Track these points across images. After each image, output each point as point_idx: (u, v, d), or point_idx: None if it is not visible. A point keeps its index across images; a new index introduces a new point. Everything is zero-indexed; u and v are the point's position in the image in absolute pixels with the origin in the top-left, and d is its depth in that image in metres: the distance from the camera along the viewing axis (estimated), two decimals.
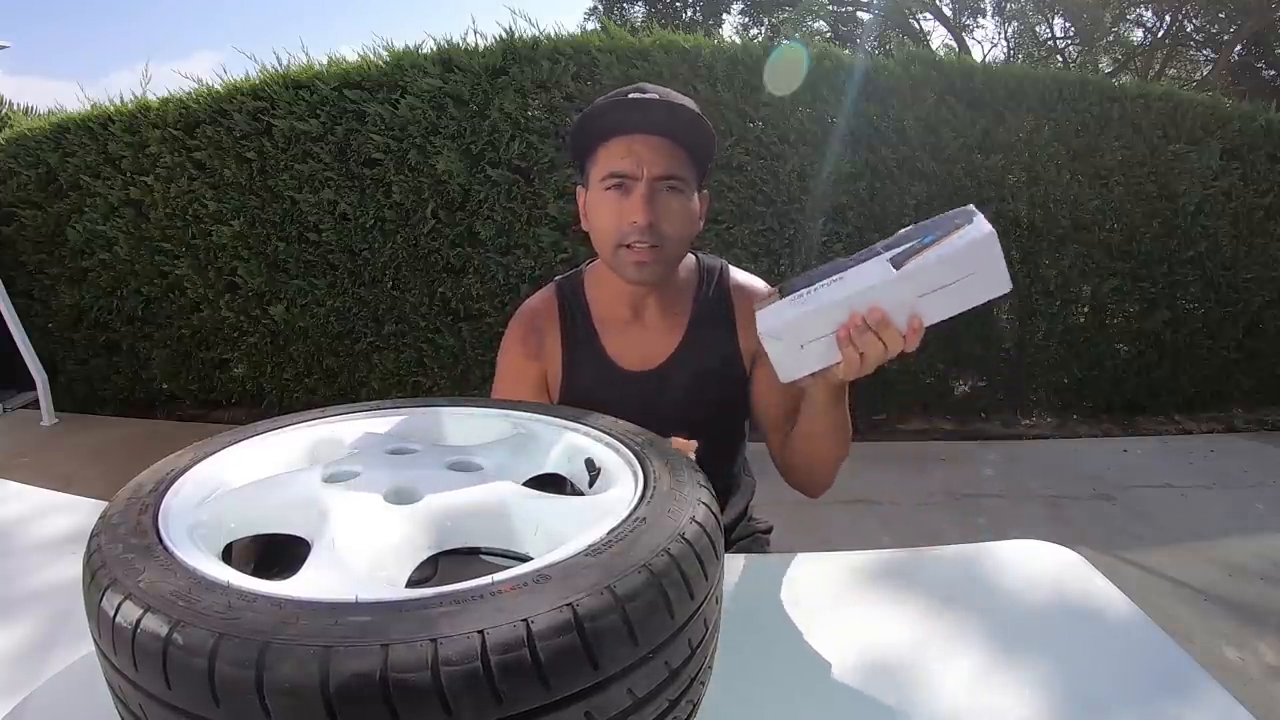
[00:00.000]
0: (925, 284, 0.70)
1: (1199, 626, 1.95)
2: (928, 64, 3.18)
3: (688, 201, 0.91)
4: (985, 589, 0.72)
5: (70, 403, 3.86)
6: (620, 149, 0.88)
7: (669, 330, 1.00)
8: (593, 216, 0.93)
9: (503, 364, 1.02)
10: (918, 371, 3.48)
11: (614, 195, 0.89)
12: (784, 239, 3.19)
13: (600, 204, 0.91)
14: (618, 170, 0.88)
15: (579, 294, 1.02)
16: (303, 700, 0.34)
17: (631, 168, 0.87)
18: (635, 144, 0.87)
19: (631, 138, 0.88)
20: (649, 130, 0.88)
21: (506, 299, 3.23)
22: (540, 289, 1.06)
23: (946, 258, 0.68)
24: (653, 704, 0.41)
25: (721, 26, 12.35)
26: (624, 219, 0.88)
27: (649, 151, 0.87)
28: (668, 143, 0.88)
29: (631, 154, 0.87)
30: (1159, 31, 10.27)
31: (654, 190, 0.88)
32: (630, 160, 0.87)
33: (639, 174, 0.87)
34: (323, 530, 0.47)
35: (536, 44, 3.05)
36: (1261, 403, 3.75)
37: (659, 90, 0.89)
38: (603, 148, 0.90)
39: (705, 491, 0.52)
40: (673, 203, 0.89)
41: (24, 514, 0.91)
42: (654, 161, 0.87)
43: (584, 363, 0.99)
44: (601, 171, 0.90)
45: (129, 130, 3.41)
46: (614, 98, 0.89)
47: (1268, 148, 3.45)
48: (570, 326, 1.00)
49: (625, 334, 1.00)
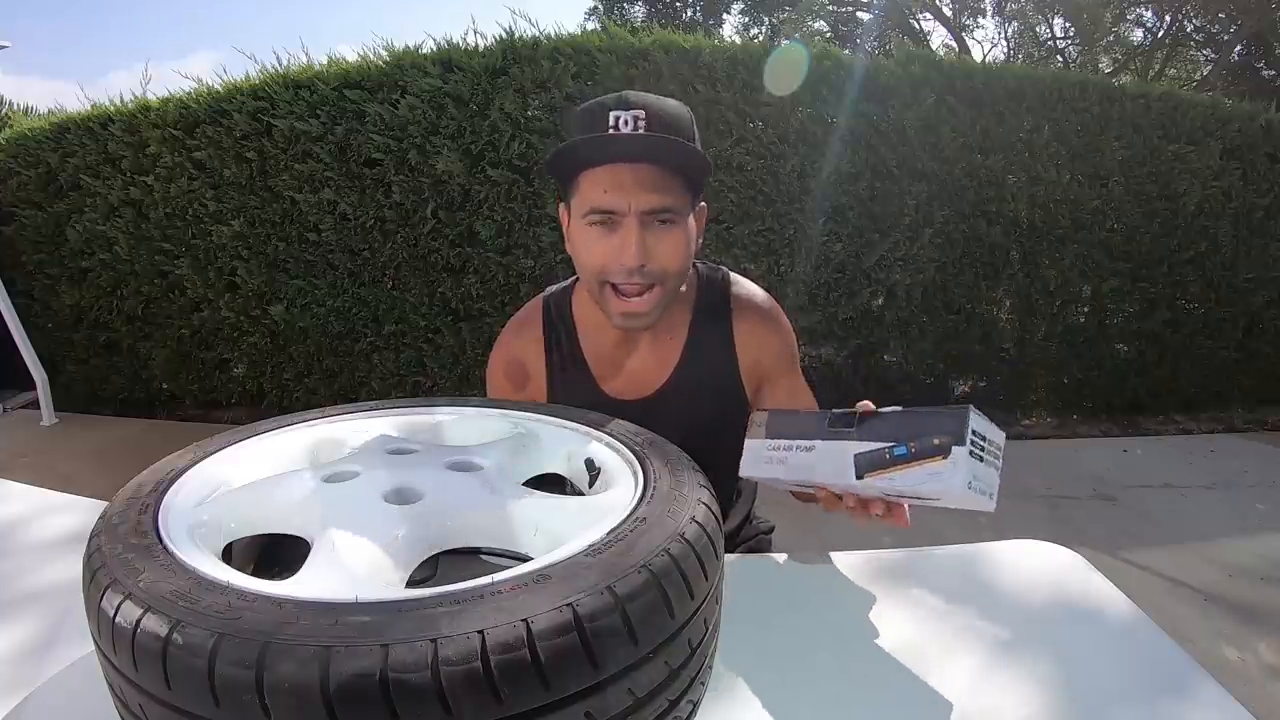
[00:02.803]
0: (889, 492, 0.63)
1: (1199, 626, 1.95)
2: (928, 64, 3.18)
3: (682, 231, 0.81)
4: (985, 589, 0.72)
5: (70, 403, 3.86)
6: (604, 180, 0.77)
7: (663, 355, 0.93)
8: (576, 248, 0.83)
9: (490, 388, 0.98)
10: (917, 372, 3.49)
11: (599, 231, 0.79)
12: (784, 239, 3.19)
13: (584, 238, 0.81)
14: (601, 206, 0.78)
15: (565, 315, 0.95)
16: (303, 700, 0.34)
17: (617, 203, 0.77)
18: (620, 174, 0.77)
19: (616, 166, 0.77)
20: (633, 159, 0.77)
21: (506, 299, 3.23)
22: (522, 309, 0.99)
23: (907, 491, 0.61)
24: (653, 704, 0.41)
25: (721, 26, 12.38)
26: (611, 259, 0.79)
27: (635, 184, 0.77)
28: (655, 170, 0.77)
29: (617, 186, 0.77)
30: (1159, 31, 10.27)
31: (643, 224, 0.78)
32: (615, 195, 0.77)
33: (625, 209, 0.77)
34: (323, 530, 0.47)
35: (536, 44, 3.05)
36: (1261, 403, 3.76)
37: (644, 103, 0.78)
38: (584, 176, 0.79)
39: (705, 491, 0.52)
40: (665, 238, 0.80)
41: (24, 514, 0.91)
42: (640, 196, 0.77)
43: (571, 391, 0.92)
44: (583, 205, 0.80)
45: (129, 130, 3.41)
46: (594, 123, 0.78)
47: (1268, 148, 3.45)
48: (555, 352, 0.93)
49: (615, 360, 0.93)
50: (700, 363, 0.93)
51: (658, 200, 0.78)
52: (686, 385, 0.92)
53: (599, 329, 0.92)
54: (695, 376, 0.92)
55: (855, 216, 3.19)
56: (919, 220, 3.21)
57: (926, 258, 3.26)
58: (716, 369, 0.93)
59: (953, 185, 3.21)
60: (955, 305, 3.39)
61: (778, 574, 0.76)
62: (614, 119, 0.76)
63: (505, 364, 0.95)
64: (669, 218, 0.80)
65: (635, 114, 0.76)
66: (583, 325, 0.94)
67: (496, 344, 0.97)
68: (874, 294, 3.33)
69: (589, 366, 0.93)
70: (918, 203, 3.19)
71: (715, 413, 0.92)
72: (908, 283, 3.29)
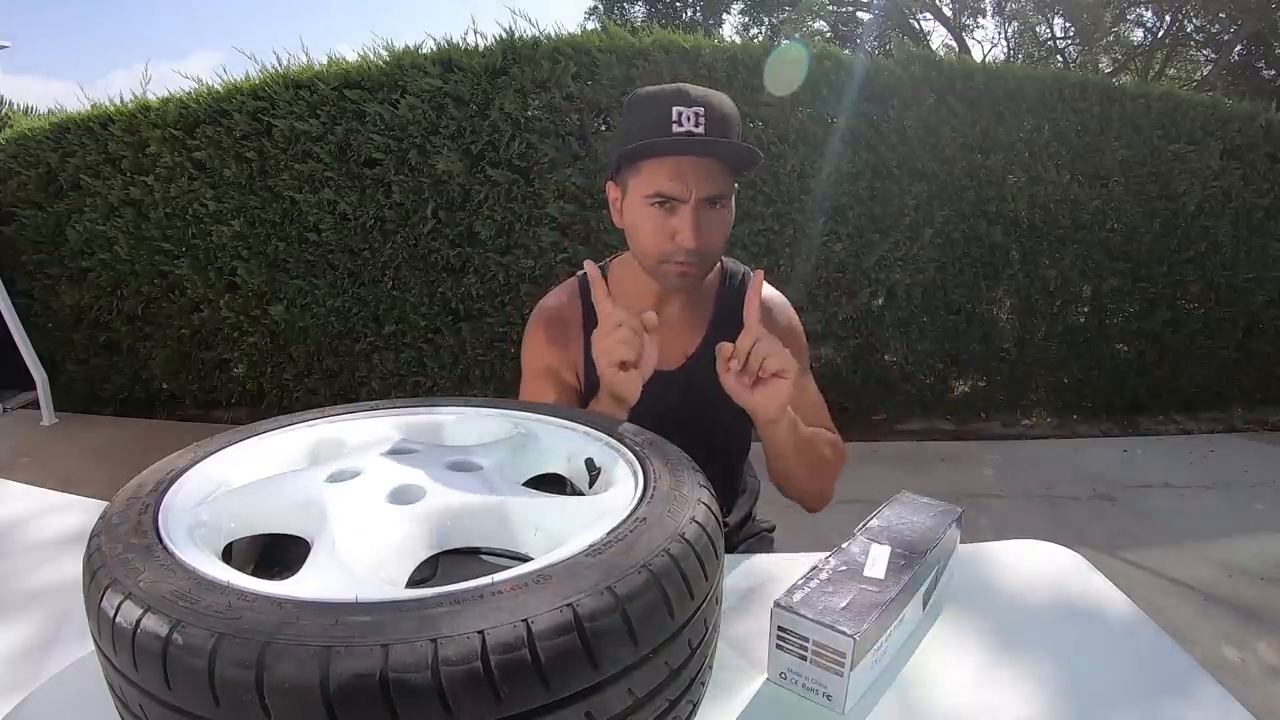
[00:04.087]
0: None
1: (1199, 626, 1.95)
2: (928, 64, 3.18)
3: (728, 211, 0.92)
4: (985, 589, 0.72)
5: (70, 402, 3.86)
6: (669, 169, 0.87)
7: (691, 331, 1.00)
8: (634, 228, 0.92)
9: (532, 363, 1.00)
10: (917, 372, 3.49)
11: (658, 213, 0.88)
12: (784, 239, 3.19)
13: (644, 218, 0.90)
14: (665, 192, 0.87)
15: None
16: (303, 700, 0.34)
17: (679, 191, 0.87)
18: (684, 165, 0.86)
19: (680, 159, 0.86)
20: (699, 154, 0.87)
21: (506, 299, 3.23)
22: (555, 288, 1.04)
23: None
24: (653, 704, 0.41)
25: (721, 26, 12.38)
26: (671, 239, 0.88)
27: (696, 174, 0.86)
28: (716, 164, 0.87)
29: (680, 176, 0.86)
30: (1159, 31, 10.27)
31: (699, 209, 0.87)
32: (678, 183, 0.86)
33: (686, 197, 0.87)
34: (323, 530, 0.47)
35: (536, 44, 3.05)
36: (1261, 403, 3.76)
37: (704, 100, 0.86)
38: (647, 163, 0.88)
39: (705, 491, 0.52)
40: (715, 219, 0.90)
41: (24, 514, 0.91)
42: (701, 185, 0.86)
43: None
44: (646, 189, 0.88)
45: (129, 130, 3.41)
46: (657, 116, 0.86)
47: (1268, 148, 3.45)
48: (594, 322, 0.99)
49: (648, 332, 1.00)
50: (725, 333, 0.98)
51: (714, 188, 0.88)
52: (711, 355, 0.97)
53: (634, 302, 0.98)
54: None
55: (855, 216, 3.19)
56: (919, 220, 3.21)
57: (926, 258, 3.26)
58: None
59: (953, 185, 3.21)
60: (955, 305, 3.39)
61: (779, 574, 0.76)
62: (676, 114, 0.85)
63: (546, 325, 1.00)
64: (721, 202, 0.90)
65: (696, 110, 0.85)
66: (617, 289, 1.00)
67: (533, 318, 1.02)
68: (874, 294, 3.33)
69: None
70: (918, 203, 3.19)
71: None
72: (908, 283, 3.29)
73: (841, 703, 0.54)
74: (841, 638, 0.53)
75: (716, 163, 0.87)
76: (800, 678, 0.56)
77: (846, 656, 0.53)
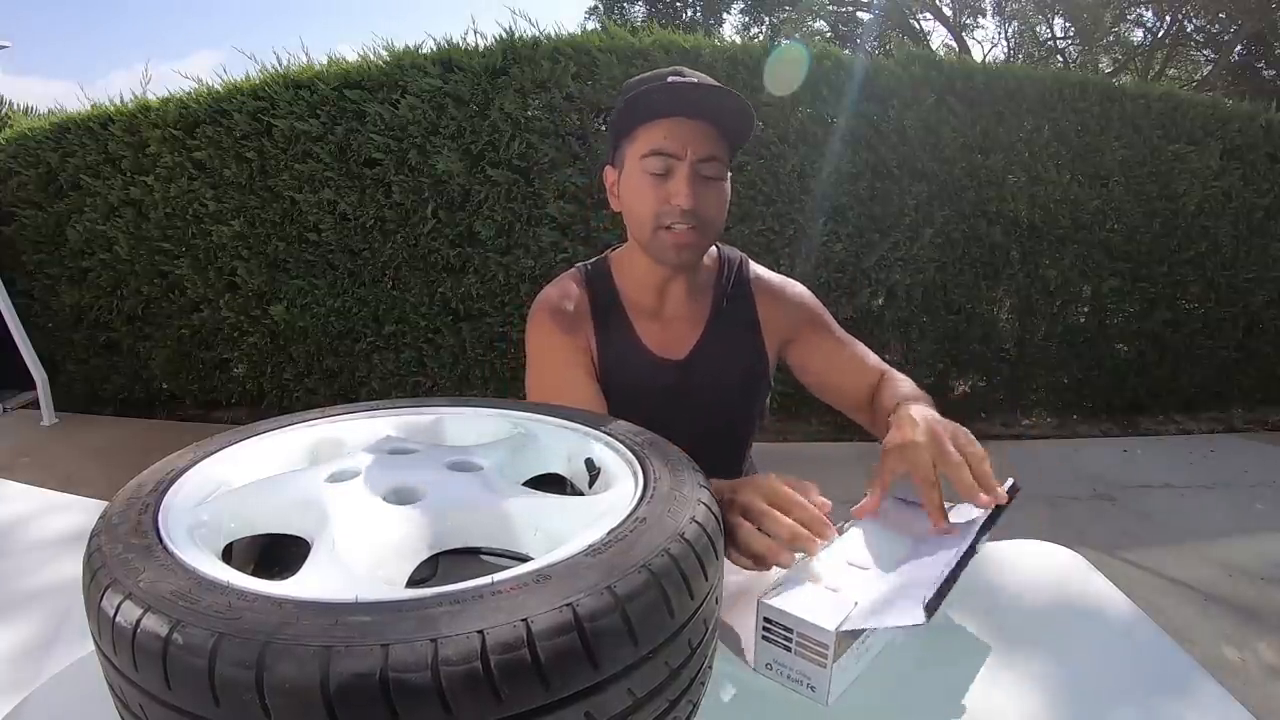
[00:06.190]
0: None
1: (1199, 626, 1.95)
2: (928, 64, 3.18)
3: (723, 186, 0.92)
4: (985, 589, 0.72)
5: (70, 402, 3.87)
6: (664, 127, 0.87)
7: (693, 319, 1.00)
8: (629, 196, 0.92)
9: (543, 353, 0.97)
10: (917, 372, 3.49)
11: (654, 178, 0.89)
12: (784, 239, 3.19)
13: (639, 185, 0.90)
14: (660, 148, 0.87)
15: (607, 280, 1.01)
16: (303, 700, 0.34)
17: (675, 148, 0.87)
18: (679, 126, 0.87)
19: (676, 120, 0.87)
20: (693, 115, 0.87)
21: (506, 299, 3.23)
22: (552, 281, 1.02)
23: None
24: (653, 704, 0.41)
25: (721, 26, 12.39)
26: (667, 201, 0.88)
27: (692, 134, 0.87)
28: (710, 127, 0.88)
29: (675, 135, 0.87)
30: (1159, 31, 10.27)
31: (695, 172, 0.88)
32: (673, 141, 0.87)
33: (682, 154, 0.87)
34: (323, 530, 0.47)
35: (536, 44, 3.06)
36: (1261, 403, 3.76)
37: (698, 75, 0.90)
38: (644, 128, 0.89)
39: (705, 491, 0.52)
40: (711, 190, 0.90)
41: (24, 514, 0.91)
42: (697, 144, 0.87)
43: (620, 348, 0.98)
44: (642, 149, 0.89)
45: (129, 130, 3.41)
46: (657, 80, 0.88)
47: (1268, 148, 3.45)
48: (603, 311, 0.99)
49: (653, 321, 1.00)
50: (726, 329, 1.00)
51: (709, 148, 0.88)
52: (716, 347, 0.99)
53: (637, 291, 0.99)
54: (723, 341, 1.00)
55: (855, 216, 3.19)
56: (919, 220, 3.21)
57: (926, 258, 3.26)
58: (742, 338, 1.01)
59: (953, 185, 3.21)
60: (955, 305, 3.39)
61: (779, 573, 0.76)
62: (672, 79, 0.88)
63: (553, 313, 0.98)
64: (715, 171, 0.89)
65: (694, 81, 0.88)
66: (620, 279, 1.00)
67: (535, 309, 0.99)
68: (874, 294, 3.33)
69: (633, 324, 0.99)
70: (918, 203, 3.19)
71: (741, 377, 1.01)
72: (908, 283, 3.29)
73: (825, 694, 0.54)
74: (823, 630, 0.53)
75: (711, 127, 0.88)
76: (785, 669, 0.56)
77: (829, 648, 0.53)
